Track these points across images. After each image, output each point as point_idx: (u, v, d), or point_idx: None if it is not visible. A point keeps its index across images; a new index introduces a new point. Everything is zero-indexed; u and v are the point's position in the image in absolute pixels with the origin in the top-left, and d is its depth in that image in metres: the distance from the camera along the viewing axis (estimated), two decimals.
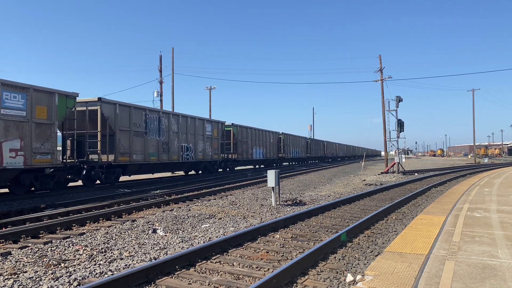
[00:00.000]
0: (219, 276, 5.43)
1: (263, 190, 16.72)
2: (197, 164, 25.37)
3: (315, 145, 58.27)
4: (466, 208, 9.88)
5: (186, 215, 10.59)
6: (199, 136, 24.81)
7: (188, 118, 23.64)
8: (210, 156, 26.29)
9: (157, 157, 20.36)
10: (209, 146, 26.11)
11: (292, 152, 46.13)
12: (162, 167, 21.82)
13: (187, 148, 23.36)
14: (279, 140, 42.00)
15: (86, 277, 5.45)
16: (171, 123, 21.77)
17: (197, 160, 24.50)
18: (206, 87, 44.98)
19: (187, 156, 23.36)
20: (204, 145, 25.36)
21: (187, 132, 23.37)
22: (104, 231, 8.54)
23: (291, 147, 45.87)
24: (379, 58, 33.82)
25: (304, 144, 52.06)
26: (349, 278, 5.16)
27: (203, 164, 26.16)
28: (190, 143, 23.65)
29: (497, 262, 5.08)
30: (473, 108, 60.66)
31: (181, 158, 22.60)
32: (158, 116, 20.77)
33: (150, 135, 19.84)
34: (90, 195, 14.59)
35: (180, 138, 22.61)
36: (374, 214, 9.69)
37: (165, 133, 21.15)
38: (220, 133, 27.83)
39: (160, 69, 35.73)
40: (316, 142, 60.13)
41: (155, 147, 20.25)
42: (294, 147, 47.28)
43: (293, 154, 46.44)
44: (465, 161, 75.09)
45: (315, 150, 57.63)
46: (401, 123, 33.67)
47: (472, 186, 16.28)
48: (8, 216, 10.10)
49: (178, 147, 22.32)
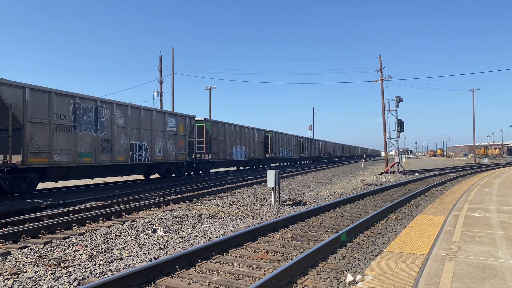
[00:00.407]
0: (219, 276, 5.43)
1: (263, 190, 16.72)
2: (155, 166, 20.80)
3: (308, 145, 54.88)
4: (466, 208, 9.88)
5: (186, 215, 10.59)
6: (158, 133, 20.12)
7: (142, 110, 18.92)
8: (174, 156, 21.67)
9: (92, 158, 15.91)
10: (172, 145, 21.40)
11: (281, 152, 42.22)
12: (103, 171, 17.34)
13: (140, 147, 18.75)
14: (266, 138, 37.92)
15: (86, 277, 5.45)
16: (115, 115, 17.11)
17: (154, 161, 19.76)
18: (206, 87, 45.04)
19: (139, 156, 18.67)
20: (165, 143, 20.70)
21: (140, 127, 18.68)
22: (104, 231, 8.54)
23: (281, 146, 41.87)
24: (379, 58, 33.82)
25: (296, 143, 48.35)
26: (349, 278, 5.16)
27: (164, 166, 21.69)
28: (144, 141, 19.01)
29: (497, 262, 5.08)
30: (473, 108, 60.72)
31: (130, 159, 18.04)
32: (95, 106, 16.15)
33: (81, 130, 15.37)
34: (90, 195, 14.60)
35: (129, 134, 17.98)
36: (374, 214, 9.69)
37: (106, 127, 16.62)
38: (188, 129, 23.15)
39: (160, 69, 35.74)
40: (310, 141, 56.92)
41: (90, 145, 15.83)
42: (284, 146, 43.31)
43: (283, 154, 42.55)
44: (465, 161, 75.09)
45: (308, 150, 54.42)
46: (401, 123, 33.68)
47: (472, 186, 16.28)
48: (8, 216, 10.10)
49: (125, 145, 17.76)
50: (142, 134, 18.96)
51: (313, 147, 57.06)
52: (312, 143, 57.10)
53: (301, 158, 51.38)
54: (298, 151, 48.93)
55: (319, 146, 60.18)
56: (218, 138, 27.28)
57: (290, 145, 45.24)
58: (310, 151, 55.10)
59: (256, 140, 34.71)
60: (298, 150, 48.93)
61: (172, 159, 21.56)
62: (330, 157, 68.19)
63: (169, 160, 21.28)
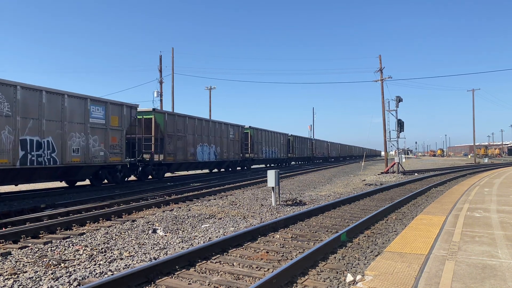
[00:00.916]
0: (219, 276, 5.43)
1: (263, 190, 16.72)
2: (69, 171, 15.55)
3: (299, 144, 49.03)
4: (466, 208, 9.88)
5: (186, 215, 10.59)
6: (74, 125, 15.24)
7: (44, 93, 13.95)
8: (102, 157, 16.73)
9: None
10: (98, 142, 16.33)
11: (265, 151, 36.89)
12: None
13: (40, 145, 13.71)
14: (245, 136, 32.92)
15: (86, 277, 5.45)
16: None
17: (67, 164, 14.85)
18: (206, 87, 45.06)
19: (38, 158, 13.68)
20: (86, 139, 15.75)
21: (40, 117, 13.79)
22: (104, 231, 8.54)
23: (264, 145, 36.58)
24: (379, 58, 33.83)
25: (284, 142, 43.07)
26: (349, 278, 5.16)
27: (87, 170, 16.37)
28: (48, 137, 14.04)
29: (497, 262, 5.08)
30: (473, 108, 60.74)
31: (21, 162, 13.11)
32: None
33: None
34: (90, 195, 14.59)
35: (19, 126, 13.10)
36: (374, 214, 9.69)
37: None
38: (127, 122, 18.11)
39: (160, 69, 35.76)
40: (302, 140, 50.90)
41: None
42: (269, 145, 37.92)
43: (267, 154, 37.25)
44: (465, 161, 75.11)
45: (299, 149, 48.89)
46: (401, 123, 33.68)
47: (472, 186, 16.28)
48: (8, 216, 10.10)
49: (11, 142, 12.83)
50: (44, 126, 14.01)
51: (305, 147, 51.71)
52: (303, 142, 51.47)
53: (290, 158, 46.07)
54: (286, 150, 43.70)
55: (312, 145, 55.11)
56: (175, 134, 22.37)
57: (276, 144, 40.12)
58: (301, 150, 49.95)
59: (231, 137, 29.73)
60: (286, 150, 43.70)
61: (98, 160, 16.50)
62: (325, 157, 63.49)
63: (93, 162, 16.23)
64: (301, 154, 50.14)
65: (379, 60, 33.83)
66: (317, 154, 58.26)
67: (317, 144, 58.39)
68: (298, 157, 49.16)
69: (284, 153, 43.27)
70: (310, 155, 54.28)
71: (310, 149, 54.04)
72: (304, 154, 51.53)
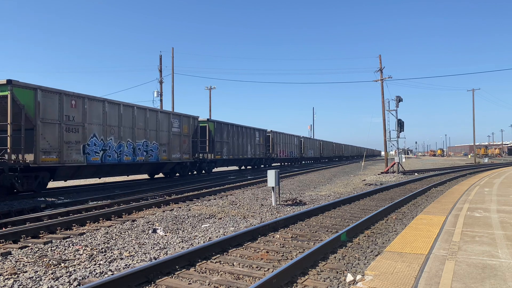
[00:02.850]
0: (219, 276, 5.43)
1: (263, 190, 16.72)
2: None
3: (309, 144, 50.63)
4: (466, 208, 9.88)
5: (186, 215, 10.59)
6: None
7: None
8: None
9: None
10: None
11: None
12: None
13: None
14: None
15: (86, 277, 5.45)
16: None
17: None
18: (206, 87, 45.06)
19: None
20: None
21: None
22: (104, 231, 8.54)
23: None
24: (379, 58, 33.83)
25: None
26: (349, 278, 5.16)
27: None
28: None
29: (497, 262, 5.08)
30: (473, 108, 60.70)
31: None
32: None
33: None
34: (90, 195, 14.59)
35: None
36: (374, 214, 9.68)
37: None
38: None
39: (160, 69, 35.75)
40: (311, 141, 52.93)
41: None
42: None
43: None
44: (465, 161, 75.09)
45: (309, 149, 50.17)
46: (401, 123, 33.68)
47: (472, 186, 16.27)
48: (8, 216, 10.10)
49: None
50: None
51: (313, 147, 55.71)
52: (313, 143, 55.90)
53: (302, 158, 49.39)
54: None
55: (319, 146, 59.05)
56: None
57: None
58: (311, 151, 53.42)
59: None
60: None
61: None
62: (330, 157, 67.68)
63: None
64: (311, 154, 53.96)
65: (379, 60, 33.83)
66: (324, 154, 60.88)
67: (324, 145, 62.30)
68: (308, 157, 52.80)
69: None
70: (318, 155, 56.94)
71: (318, 150, 57.49)
72: (313, 154, 55.08)
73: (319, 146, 56.80)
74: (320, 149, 57.11)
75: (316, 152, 54.43)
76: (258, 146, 34.55)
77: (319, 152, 55.58)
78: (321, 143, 59.52)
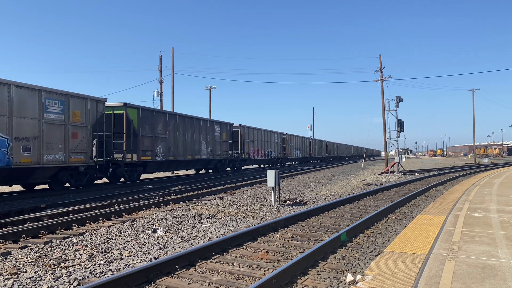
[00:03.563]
0: (219, 276, 5.43)
1: (263, 190, 16.72)
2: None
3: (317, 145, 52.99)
4: (466, 208, 9.88)
5: (186, 215, 10.59)
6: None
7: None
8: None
9: None
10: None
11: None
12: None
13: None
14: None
15: (86, 277, 5.45)
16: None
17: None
18: (206, 87, 45.04)
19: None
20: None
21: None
22: (104, 231, 8.54)
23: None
24: (379, 58, 33.82)
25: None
26: (349, 278, 5.16)
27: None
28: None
29: (497, 262, 5.08)
30: (473, 108, 60.69)
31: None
32: None
33: None
34: (90, 195, 14.59)
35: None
36: (374, 214, 9.69)
37: None
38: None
39: (160, 69, 35.74)
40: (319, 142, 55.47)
41: None
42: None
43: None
44: (465, 161, 75.09)
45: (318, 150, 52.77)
46: (401, 123, 33.68)
47: (472, 186, 16.27)
48: (8, 216, 10.10)
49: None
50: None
51: (321, 147, 59.70)
52: (320, 144, 59.46)
53: (286, 159, 45.11)
54: (281, 150, 44.55)
55: (325, 146, 62.90)
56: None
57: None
58: (297, 150, 49.91)
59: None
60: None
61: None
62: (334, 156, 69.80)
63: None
64: (319, 154, 57.65)
65: (379, 60, 33.83)
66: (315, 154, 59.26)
67: (329, 146, 65.59)
68: (317, 156, 56.32)
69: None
70: (307, 156, 54.86)
71: (306, 149, 55.05)
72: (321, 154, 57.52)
73: (308, 145, 53.96)
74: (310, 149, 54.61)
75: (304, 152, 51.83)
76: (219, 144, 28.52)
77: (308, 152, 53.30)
78: (311, 142, 56.00)
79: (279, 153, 41.31)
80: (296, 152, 47.54)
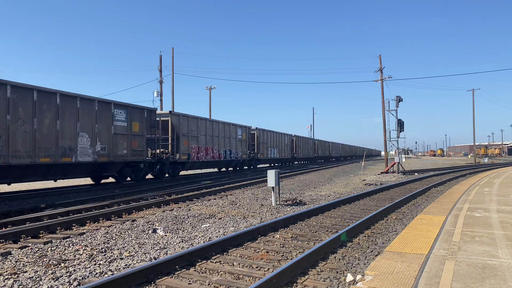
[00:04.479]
0: (219, 276, 5.43)
1: (263, 190, 16.72)
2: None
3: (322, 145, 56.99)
4: (466, 208, 9.88)
5: (186, 215, 10.59)
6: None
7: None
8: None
9: None
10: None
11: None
12: None
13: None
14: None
15: (86, 277, 5.45)
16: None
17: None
18: (206, 87, 45.04)
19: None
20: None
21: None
22: (104, 231, 8.54)
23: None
24: (379, 58, 33.82)
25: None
26: (349, 278, 5.16)
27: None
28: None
29: (497, 262, 5.08)
30: (473, 108, 60.68)
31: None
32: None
33: None
34: (90, 195, 14.59)
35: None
36: (374, 214, 9.69)
37: None
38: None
39: (160, 69, 35.75)
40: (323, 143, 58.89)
41: None
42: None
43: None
44: (465, 161, 75.09)
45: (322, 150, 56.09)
46: (401, 123, 33.67)
47: (472, 186, 16.27)
48: (8, 216, 10.10)
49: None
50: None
51: (325, 148, 61.62)
52: (324, 144, 61.42)
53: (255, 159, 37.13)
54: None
55: (328, 147, 64.24)
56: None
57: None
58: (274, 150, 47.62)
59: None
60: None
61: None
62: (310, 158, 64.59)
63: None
64: (323, 154, 59.22)
65: (379, 60, 33.82)
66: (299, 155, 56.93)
67: (332, 146, 67.05)
68: (320, 156, 57.74)
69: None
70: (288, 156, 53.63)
71: (327, 150, 62.55)
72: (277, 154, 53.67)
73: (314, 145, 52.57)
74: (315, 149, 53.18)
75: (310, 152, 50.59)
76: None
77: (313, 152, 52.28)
78: (316, 143, 54.27)
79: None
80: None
